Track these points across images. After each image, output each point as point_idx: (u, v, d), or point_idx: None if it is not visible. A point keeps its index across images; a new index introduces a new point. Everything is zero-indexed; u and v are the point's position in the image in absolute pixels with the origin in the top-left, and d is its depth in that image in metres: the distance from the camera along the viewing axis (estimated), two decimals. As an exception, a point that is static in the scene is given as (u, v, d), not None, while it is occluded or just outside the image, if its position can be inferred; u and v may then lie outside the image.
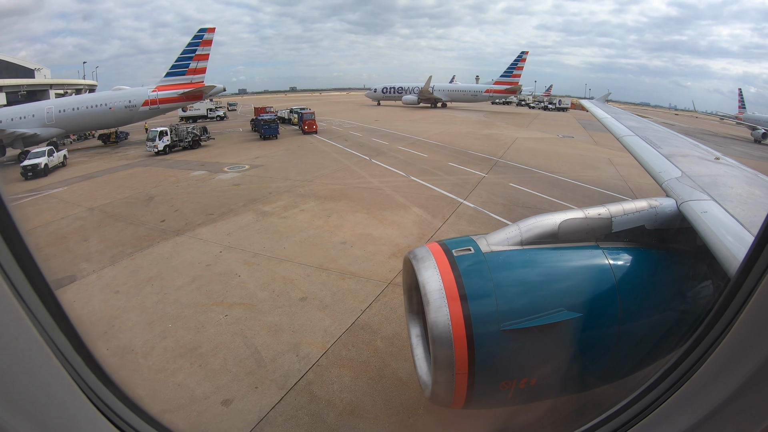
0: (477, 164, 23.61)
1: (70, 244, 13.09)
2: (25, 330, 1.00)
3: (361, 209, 15.10)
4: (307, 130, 33.36)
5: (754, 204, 4.02)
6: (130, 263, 11.18)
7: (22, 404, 0.97)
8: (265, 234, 12.81)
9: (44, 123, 32.03)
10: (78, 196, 18.72)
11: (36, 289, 1.09)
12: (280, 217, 14.31)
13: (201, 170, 22.12)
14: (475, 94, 60.49)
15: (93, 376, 1.27)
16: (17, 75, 55.48)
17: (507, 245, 3.60)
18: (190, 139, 28.71)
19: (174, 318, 8.43)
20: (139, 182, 20.40)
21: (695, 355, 1.33)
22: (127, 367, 7.08)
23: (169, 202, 16.60)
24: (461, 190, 18.11)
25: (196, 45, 34.35)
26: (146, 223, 14.24)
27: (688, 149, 6.85)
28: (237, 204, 15.77)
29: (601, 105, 16.13)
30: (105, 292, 9.75)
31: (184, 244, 12.21)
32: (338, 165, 22.41)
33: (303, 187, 17.97)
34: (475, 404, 3.55)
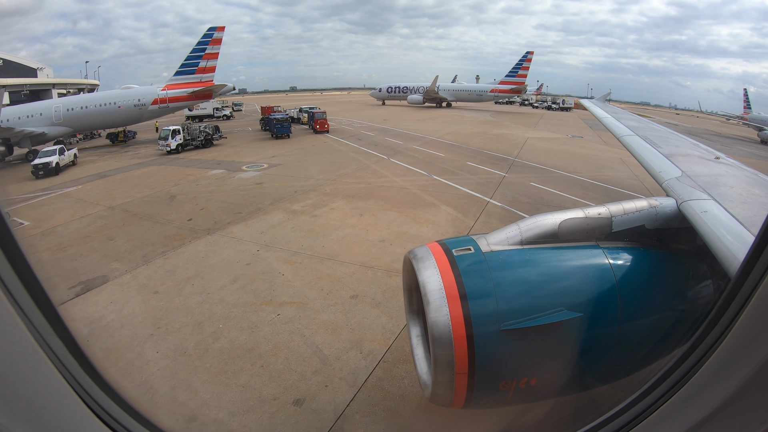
0: (495, 164, 23.49)
1: (96, 243, 12.74)
2: (20, 333, 0.98)
3: (391, 208, 14.89)
4: (318, 129, 33.07)
5: (754, 204, 4.00)
6: (164, 263, 10.85)
7: (17, 406, 0.96)
8: (299, 232, 12.53)
9: (52, 122, 31.58)
10: (95, 195, 18.34)
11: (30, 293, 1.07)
12: (311, 215, 14.03)
13: (219, 169, 21.78)
14: (480, 94, 60.48)
15: (87, 378, 1.26)
16: (20, 74, 54.89)
17: (507, 245, 3.58)
18: (203, 138, 28.33)
19: (223, 318, 8.12)
20: (157, 181, 20.03)
21: (696, 356, 1.32)
22: (183, 370, 6.77)
23: (193, 200, 16.27)
24: (485, 189, 18.02)
25: (206, 44, 34.03)
26: (173, 222, 13.90)
27: (689, 149, 6.82)
28: (264, 203, 15.47)
29: (601, 105, 16.14)
30: (143, 293, 9.42)
31: (218, 243, 11.90)
32: (358, 164, 22.16)
33: (327, 186, 17.70)
34: (475, 404, 3.53)
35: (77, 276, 10.53)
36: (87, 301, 9.23)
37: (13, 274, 1.03)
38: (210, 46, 34.00)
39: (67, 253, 12.15)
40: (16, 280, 1.04)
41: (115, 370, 6.85)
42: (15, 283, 1.03)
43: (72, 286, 9.93)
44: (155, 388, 6.41)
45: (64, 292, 9.67)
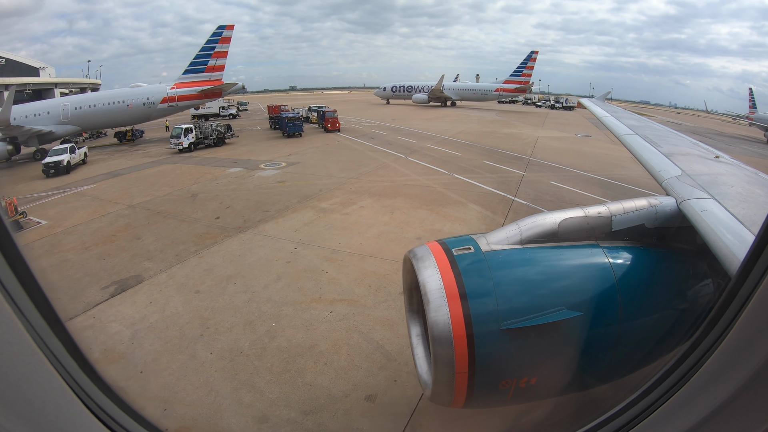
0: (511, 162, 23.42)
1: (122, 242, 12.45)
2: (19, 334, 0.98)
3: (420, 206, 14.72)
4: (330, 128, 32.81)
5: (754, 203, 3.99)
6: (199, 261, 10.60)
7: (16, 408, 0.96)
8: (334, 230, 12.31)
9: (60, 120, 31.18)
10: (111, 194, 18.03)
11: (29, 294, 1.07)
12: (341, 213, 13.81)
13: (236, 167, 21.49)
14: (485, 93, 60.44)
15: (87, 379, 1.26)
16: (22, 73, 54.31)
17: (507, 244, 3.57)
18: (215, 136, 28.02)
19: (275, 317, 7.89)
20: (174, 179, 19.73)
21: (696, 355, 1.31)
22: (243, 370, 6.54)
23: (216, 199, 16.00)
24: (508, 187, 17.97)
25: (215, 42, 33.74)
26: (200, 221, 13.64)
27: (688, 148, 6.78)
28: (290, 201, 15.22)
29: (601, 104, 16.24)
30: (184, 292, 9.16)
31: (252, 242, 11.65)
32: (377, 162, 21.95)
33: (351, 185, 17.48)
34: (476, 403, 3.53)
35: (108, 276, 10.26)
36: (124, 302, 8.96)
37: (12, 276, 1.02)
38: (219, 45, 33.72)
39: (93, 252, 11.86)
40: (15, 282, 1.03)
41: (169, 372, 6.61)
42: (14, 284, 1.02)
43: (105, 286, 9.66)
44: (217, 390, 6.18)
45: (96, 293, 9.41)
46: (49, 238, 13.33)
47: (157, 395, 6.18)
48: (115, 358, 7.07)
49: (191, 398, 6.04)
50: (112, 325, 8.06)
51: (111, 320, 8.24)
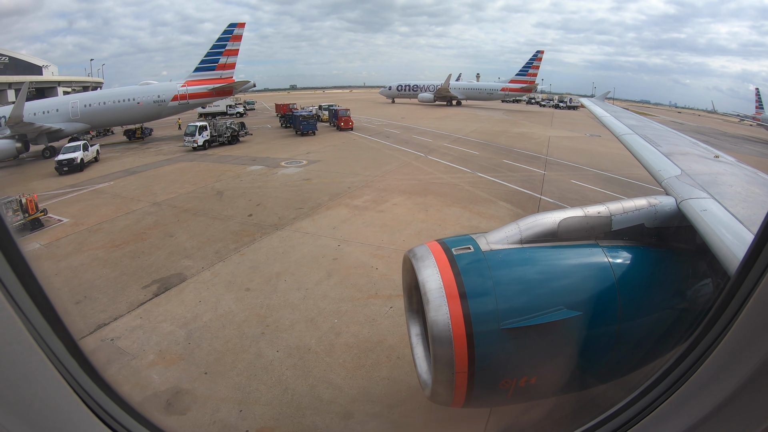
0: (530, 162, 23.38)
1: (155, 240, 12.19)
2: (19, 334, 0.98)
3: (452, 203, 14.62)
4: (343, 127, 32.59)
5: (753, 202, 3.99)
6: (242, 259, 10.37)
7: (17, 407, 0.96)
8: (373, 227, 12.13)
9: (69, 118, 30.74)
10: (131, 191, 17.72)
11: (30, 293, 1.07)
12: (376, 211, 13.64)
13: (256, 165, 21.22)
14: (491, 93, 60.43)
15: (87, 379, 1.26)
16: (26, 72, 53.72)
17: (506, 244, 3.56)
18: (229, 134, 27.72)
19: (335, 313, 7.69)
20: (194, 177, 19.43)
21: (695, 354, 1.31)
22: (315, 367, 6.35)
23: (243, 196, 15.76)
24: (532, 186, 17.96)
25: (226, 40, 33.41)
26: (233, 218, 13.40)
27: (688, 147, 6.79)
28: (321, 198, 15.02)
29: (601, 103, 16.28)
30: (233, 290, 8.94)
31: (292, 239, 11.44)
32: (398, 161, 21.78)
33: (378, 183, 17.30)
34: (475, 403, 3.54)
35: (147, 274, 10.01)
36: (171, 301, 8.72)
37: (12, 275, 1.02)
38: (230, 43, 33.40)
39: (126, 250, 11.59)
40: (15, 281, 1.03)
41: (237, 373, 6.39)
42: (14, 283, 1.02)
43: (146, 285, 9.42)
44: (293, 388, 5.98)
45: (138, 291, 9.16)
46: (75, 236, 13.05)
47: (228, 396, 5.97)
48: (174, 360, 6.85)
49: (267, 398, 5.84)
50: (162, 325, 7.83)
51: (160, 320, 8.01)
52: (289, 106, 43.41)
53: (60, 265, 10.99)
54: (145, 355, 6.97)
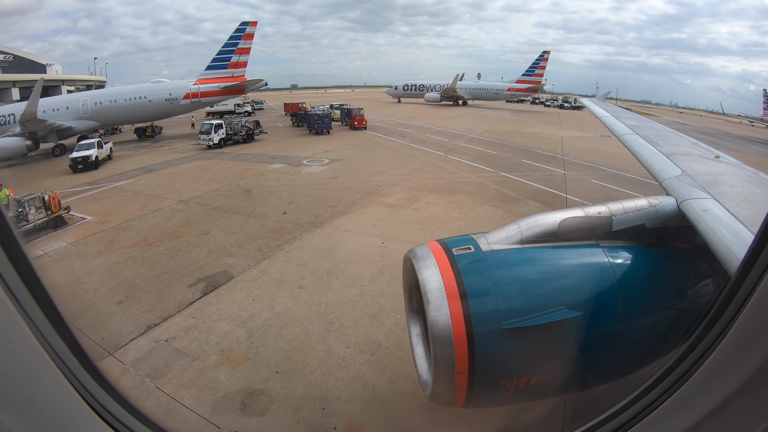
0: (548, 161, 23.38)
1: (190, 238, 11.97)
2: (21, 332, 0.98)
3: (484, 202, 14.56)
4: (357, 126, 32.42)
5: (754, 202, 4.00)
6: (287, 257, 10.18)
7: (19, 406, 0.96)
8: (412, 225, 11.99)
9: (79, 115, 30.40)
10: (154, 189, 17.46)
11: (32, 292, 1.05)
12: (410, 209, 13.50)
13: (277, 163, 20.98)
14: (497, 93, 60.53)
15: (89, 377, 1.25)
16: (30, 70, 53.24)
17: (507, 244, 3.56)
18: (244, 132, 27.48)
19: (397, 309, 7.50)
20: (216, 175, 19.19)
21: (695, 354, 1.31)
22: (390, 363, 6.20)
23: (272, 194, 15.55)
24: (556, 185, 17.99)
25: (238, 38, 33.17)
26: (267, 216, 13.19)
27: (688, 148, 6.71)
28: (353, 197, 14.85)
29: (601, 103, 16.36)
30: (286, 288, 8.74)
31: (333, 237, 11.26)
32: (420, 160, 21.63)
33: (406, 181, 17.15)
34: (476, 403, 3.54)
35: (190, 272, 9.79)
36: (222, 299, 8.51)
37: (14, 273, 1.01)
38: (242, 41, 33.16)
39: (161, 248, 11.36)
40: (17, 279, 1.02)
41: (310, 371, 6.21)
42: (16, 281, 1.02)
43: (192, 284, 9.20)
44: (372, 383, 5.84)
45: (184, 290, 8.93)
46: (103, 233, 12.81)
47: (307, 395, 5.79)
48: (240, 360, 6.65)
49: (347, 394, 5.69)
50: (219, 324, 7.62)
51: (215, 319, 7.80)
52: (298, 105, 43.28)
53: (93, 263, 10.76)
54: (207, 355, 6.77)
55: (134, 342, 7.22)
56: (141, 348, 7.04)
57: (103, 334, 7.41)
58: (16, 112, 29.50)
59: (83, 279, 9.89)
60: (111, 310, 8.34)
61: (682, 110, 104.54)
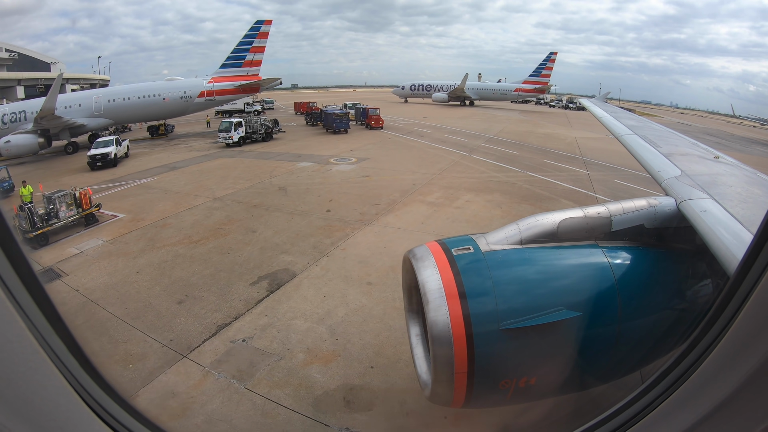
0: (569, 162, 23.52)
1: (237, 235, 11.79)
2: (20, 332, 0.98)
3: (520, 201, 14.65)
4: (374, 125, 32.35)
5: (753, 203, 4.00)
6: (345, 254, 10.07)
7: (17, 406, 0.96)
8: (459, 223, 11.94)
9: (92, 113, 29.99)
10: (182, 186, 17.24)
11: (30, 291, 1.05)
12: (453, 207, 13.49)
13: (304, 162, 20.83)
14: (504, 93, 60.79)
15: (88, 377, 1.25)
16: (35, 68, 52.61)
17: (506, 244, 3.57)
18: (263, 131, 27.31)
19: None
20: (244, 173, 19.01)
21: (694, 354, 1.31)
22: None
23: (309, 192, 15.43)
24: (583, 185, 18.14)
25: (253, 37, 32.96)
26: (310, 213, 13.07)
27: (688, 148, 6.77)
28: (392, 195, 14.79)
29: (601, 104, 16.61)
30: (355, 285, 8.64)
31: (386, 234, 11.19)
32: (447, 160, 21.58)
33: (439, 180, 17.12)
34: (475, 403, 3.55)
35: (248, 270, 9.60)
36: (291, 297, 8.36)
37: (12, 273, 1.01)
38: (257, 40, 32.94)
39: (209, 246, 11.18)
40: (16, 279, 1.02)
41: (405, 363, 6.11)
42: (15, 281, 1.01)
43: (253, 282, 9.06)
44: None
45: (247, 289, 8.77)
46: (140, 231, 12.61)
47: (409, 387, 5.67)
48: (330, 357, 6.53)
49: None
50: (296, 322, 7.50)
51: (290, 317, 7.67)
52: (309, 104, 43.22)
53: (138, 262, 10.56)
54: (293, 354, 6.65)
55: (208, 343, 7.04)
56: (217, 349, 6.88)
57: (171, 336, 7.26)
58: (27, 109, 29.10)
59: (131, 278, 9.69)
60: (172, 310, 8.15)
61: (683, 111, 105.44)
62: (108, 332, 7.47)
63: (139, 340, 7.20)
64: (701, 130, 53.44)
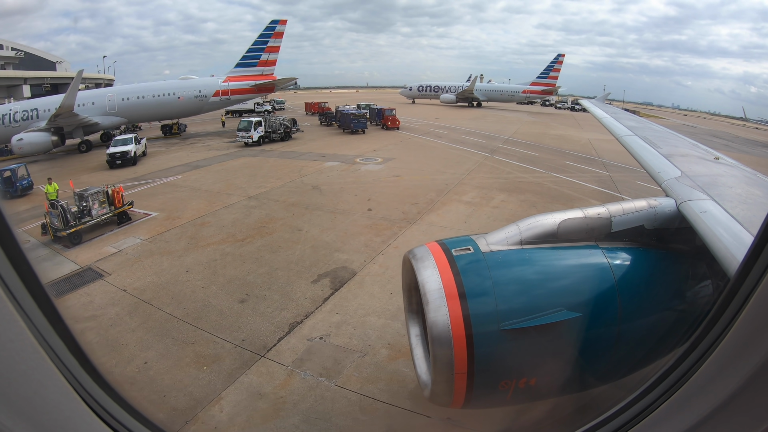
0: (588, 163, 23.69)
1: (283, 233, 11.72)
2: (20, 332, 0.98)
3: (552, 201, 14.78)
4: (390, 126, 32.41)
5: (753, 204, 4.01)
6: (398, 252, 9.99)
7: (17, 406, 0.96)
8: (500, 221, 11.87)
9: (105, 111, 29.80)
10: (211, 185, 17.15)
11: (30, 290, 1.06)
12: (490, 207, 13.58)
13: (330, 161, 20.78)
14: (512, 95, 61.10)
15: (88, 377, 1.25)
16: (40, 67, 52.21)
17: (506, 245, 3.57)
18: (282, 130, 27.27)
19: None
20: (272, 171, 18.95)
21: (695, 356, 1.32)
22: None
23: (344, 191, 15.41)
24: (607, 185, 18.39)
25: (268, 37, 32.92)
26: (352, 212, 13.06)
27: (688, 149, 6.80)
28: (428, 194, 14.84)
29: (601, 105, 16.81)
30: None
31: (434, 232, 11.21)
32: (471, 161, 21.64)
33: (470, 181, 17.17)
34: (475, 404, 3.55)
35: (306, 269, 9.56)
36: (358, 294, 8.36)
37: (12, 272, 1.01)
38: (272, 39, 32.90)
39: (256, 245, 11.07)
40: (16, 278, 1.01)
41: None
42: (14, 280, 1.01)
43: (315, 280, 9.03)
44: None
45: (310, 287, 8.74)
46: (179, 230, 12.53)
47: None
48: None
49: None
50: (369, 319, 7.49)
51: (362, 314, 7.66)
52: (320, 105, 43.26)
53: (185, 261, 10.47)
54: (376, 350, 6.64)
55: (284, 342, 6.99)
56: (295, 348, 6.83)
57: (241, 336, 7.19)
58: (39, 107, 28.87)
59: (181, 277, 9.59)
60: (236, 310, 8.07)
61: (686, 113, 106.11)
62: (170, 334, 7.38)
63: (208, 341, 7.11)
64: (708, 132, 53.85)
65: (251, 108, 44.61)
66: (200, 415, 5.53)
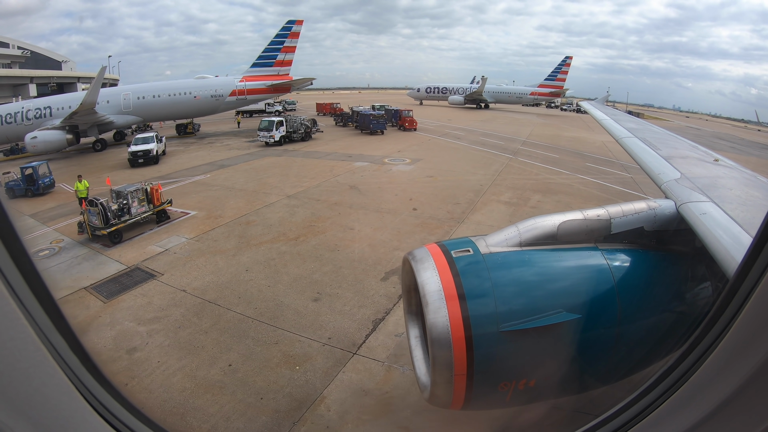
0: (608, 165, 23.93)
1: (335, 232, 11.72)
2: (22, 330, 0.99)
3: (585, 201, 15.01)
4: (407, 127, 32.57)
5: (752, 205, 4.03)
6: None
7: (19, 404, 0.97)
8: (552, 222, 12.23)
9: (120, 110, 29.63)
10: (244, 184, 17.10)
11: (33, 290, 1.07)
12: (529, 207, 13.85)
13: (360, 161, 20.82)
14: (520, 96, 61.55)
15: (89, 376, 1.26)
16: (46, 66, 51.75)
17: (506, 246, 3.58)
18: (302, 131, 27.33)
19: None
20: (303, 171, 18.95)
21: (694, 357, 1.33)
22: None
23: (382, 191, 15.50)
24: (631, 187, 18.54)
25: (284, 37, 32.95)
26: (398, 212, 13.13)
27: (687, 151, 6.83)
28: (466, 194, 15.02)
29: (600, 106, 17.11)
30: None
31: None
32: (497, 162, 21.85)
33: (502, 181, 17.36)
34: (474, 405, 3.56)
35: (371, 266, 9.63)
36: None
37: (15, 270, 1.01)
38: (288, 40, 32.94)
39: (312, 243, 11.02)
40: (18, 276, 1.02)
41: None
42: (17, 278, 1.01)
43: (383, 278, 9.11)
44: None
45: (380, 284, 8.82)
46: (225, 228, 12.49)
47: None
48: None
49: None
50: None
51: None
52: (332, 105, 43.36)
53: (240, 260, 10.39)
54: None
55: (372, 338, 7.04)
56: (385, 344, 6.87)
57: (327, 334, 7.22)
58: (52, 105, 28.63)
59: (242, 276, 9.50)
60: (311, 308, 8.08)
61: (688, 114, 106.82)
62: (248, 334, 7.31)
63: (292, 341, 7.08)
64: (713, 134, 54.43)
65: (262, 108, 44.58)
66: (307, 415, 5.53)
